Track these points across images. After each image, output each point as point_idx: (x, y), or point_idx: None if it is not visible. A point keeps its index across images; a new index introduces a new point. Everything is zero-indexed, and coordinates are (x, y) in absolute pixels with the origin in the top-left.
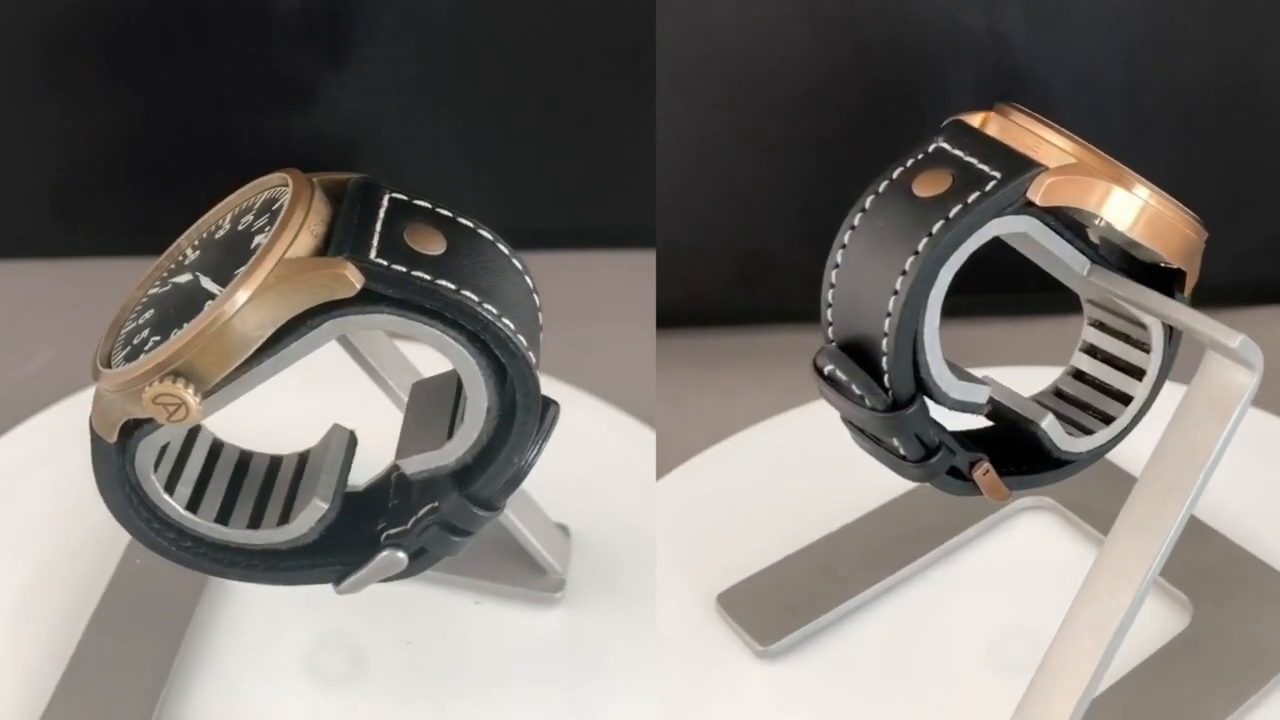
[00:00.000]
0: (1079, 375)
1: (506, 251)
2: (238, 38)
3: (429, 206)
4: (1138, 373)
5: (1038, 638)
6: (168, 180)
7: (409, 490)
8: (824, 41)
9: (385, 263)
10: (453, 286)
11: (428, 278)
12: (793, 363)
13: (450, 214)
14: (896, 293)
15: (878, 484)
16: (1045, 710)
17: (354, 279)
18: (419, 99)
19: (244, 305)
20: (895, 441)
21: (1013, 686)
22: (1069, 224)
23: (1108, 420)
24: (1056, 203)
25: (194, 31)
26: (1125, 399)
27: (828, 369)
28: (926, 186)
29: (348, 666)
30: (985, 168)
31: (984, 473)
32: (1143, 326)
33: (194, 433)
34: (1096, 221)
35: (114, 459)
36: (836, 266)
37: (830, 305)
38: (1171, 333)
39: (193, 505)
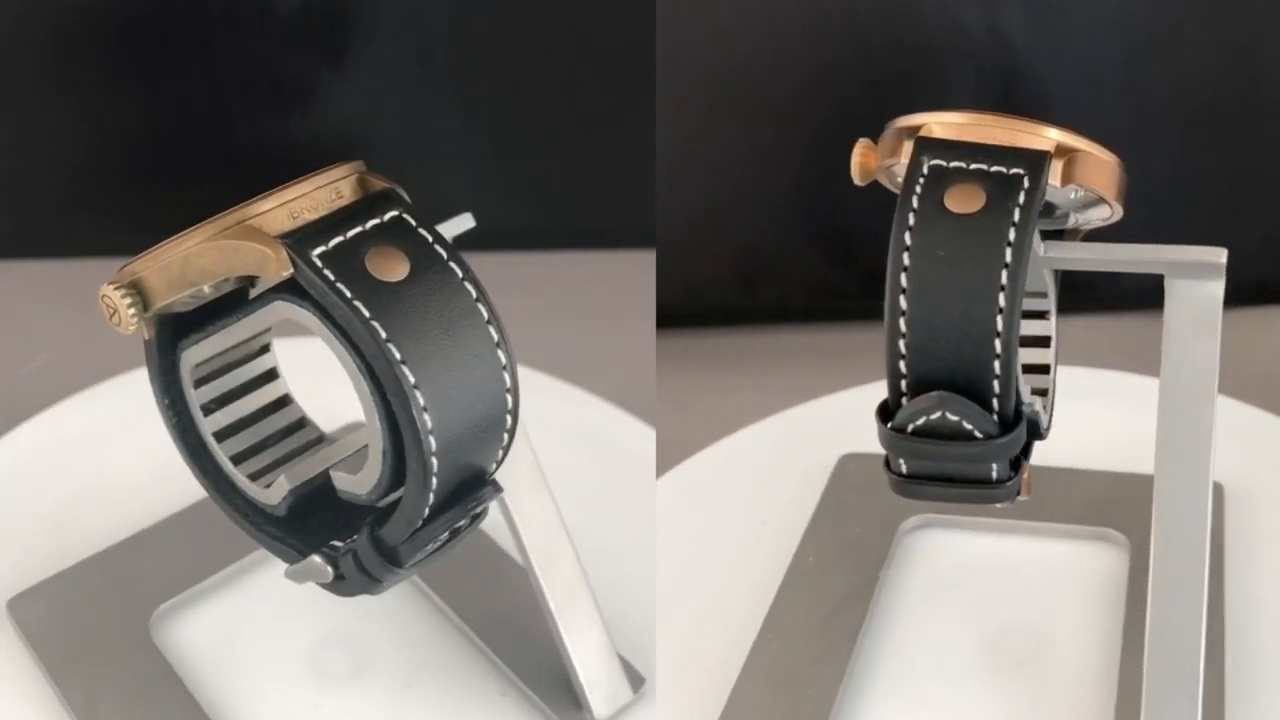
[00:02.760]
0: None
1: (486, 316)
2: (238, 38)
3: (427, 238)
4: (1042, 341)
5: (1027, 632)
6: (168, 180)
7: (372, 513)
8: (824, 41)
9: (320, 264)
10: (366, 313)
11: (347, 294)
12: (792, 363)
13: (444, 254)
14: (1003, 310)
15: None
16: (1176, 639)
17: (281, 265)
18: (419, 99)
19: (190, 247)
20: (993, 467)
21: (1048, 680)
22: None
23: (1043, 393)
24: (1071, 183)
25: (194, 32)
26: (1044, 369)
27: (930, 418)
28: (962, 203)
29: (334, 676)
30: (1002, 169)
31: (1026, 473)
32: (1041, 296)
33: (268, 375)
34: (1075, 194)
35: (154, 355)
36: (903, 313)
37: (903, 356)
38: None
39: (223, 435)
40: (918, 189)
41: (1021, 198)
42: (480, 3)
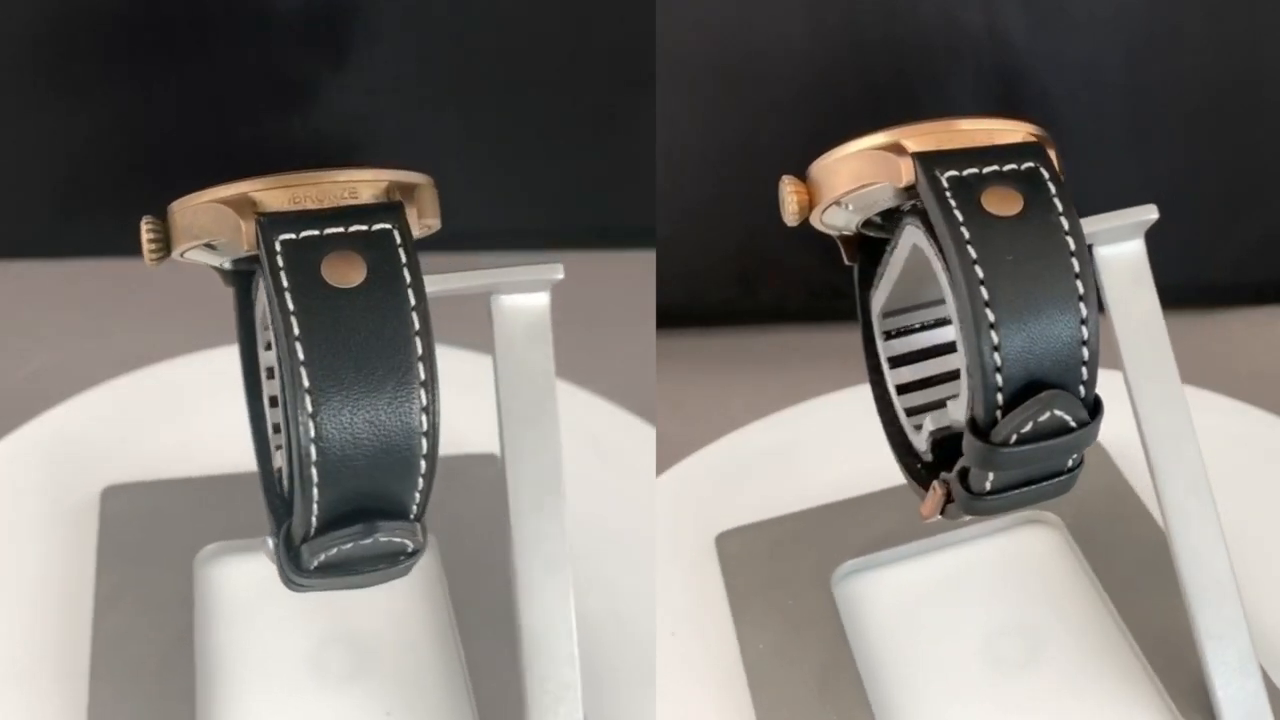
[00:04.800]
0: (906, 388)
1: (420, 351)
2: (237, 38)
3: (400, 259)
4: (949, 348)
5: (1019, 631)
6: (168, 180)
7: None
8: (824, 41)
9: (278, 250)
10: (291, 307)
11: (284, 283)
12: (792, 363)
13: (406, 279)
14: (1083, 297)
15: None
16: (1209, 568)
17: (249, 241)
18: (419, 99)
19: (199, 202)
20: (1076, 456)
21: (1070, 665)
22: None
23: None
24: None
25: (194, 32)
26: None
27: (1038, 420)
28: (1003, 205)
29: (327, 674)
30: (1015, 166)
31: None
32: (941, 303)
33: None
34: None
35: (235, 305)
36: (993, 326)
37: (999, 368)
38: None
39: (276, 401)
40: (952, 201)
41: (1053, 188)
42: (480, 3)
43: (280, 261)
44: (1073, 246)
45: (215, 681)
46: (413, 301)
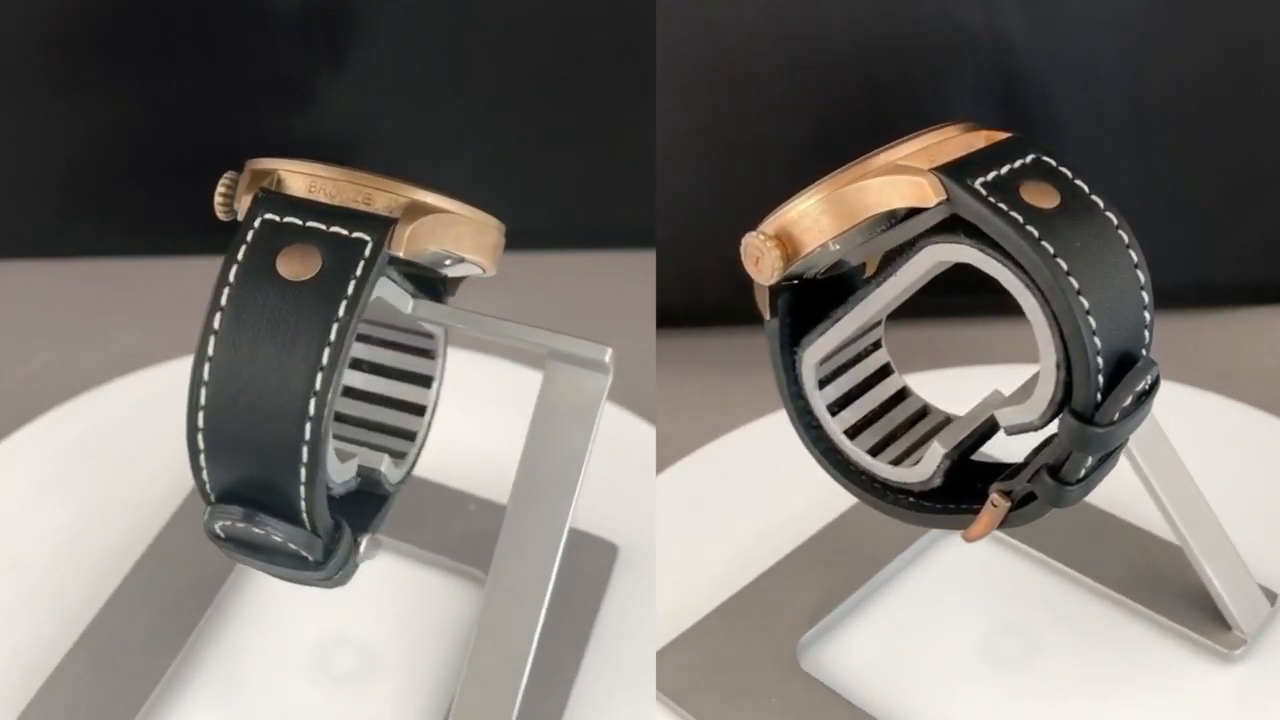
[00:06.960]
0: (855, 430)
1: (323, 361)
2: (237, 38)
3: (354, 270)
4: (878, 377)
5: (1015, 633)
6: (168, 180)
7: None
8: (824, 41)
9: (255, 224)
10: (231, 279)
11: (238, 257)
12: None
13: (349, 290)
14: (1138, 265)
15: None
16: (1188, 500)
17: (244, 211)
18: (419, 99)
19: (251, 167)
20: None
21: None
22: None
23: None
24: None
25: (194, 31)
26: (903, 396)
27: (1136, 390)
28: (1044, 199)
29: (333, 675)
30: (1023, 162)
31: None
32: (874, 326)
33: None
34: None
35: None
36: (1088, 312)
37: (1100, 351)
38: None
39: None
40: (1001, 204)
41: (1068, 172)
42: (480, 2)
43: (248, 237)
44: (1116, 221)
45: (210, 639)
46: (340, 313)
